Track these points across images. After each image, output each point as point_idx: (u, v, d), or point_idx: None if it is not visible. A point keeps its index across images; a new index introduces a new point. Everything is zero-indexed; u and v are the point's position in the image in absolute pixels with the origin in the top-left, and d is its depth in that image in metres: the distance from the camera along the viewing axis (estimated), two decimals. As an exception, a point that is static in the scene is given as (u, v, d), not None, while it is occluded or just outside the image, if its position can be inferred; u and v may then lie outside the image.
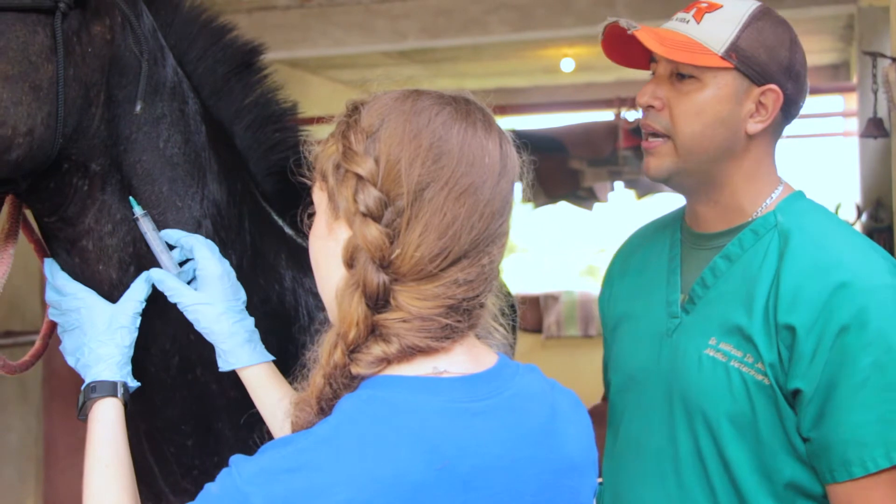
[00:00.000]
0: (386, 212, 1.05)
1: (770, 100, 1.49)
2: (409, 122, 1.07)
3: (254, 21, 6.32)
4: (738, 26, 1.47)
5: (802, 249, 1.45)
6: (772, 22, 1.50)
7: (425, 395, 1.04)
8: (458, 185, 1.05)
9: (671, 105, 1.50)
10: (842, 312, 1.37)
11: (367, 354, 1.05)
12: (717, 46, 1.47)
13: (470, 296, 1.08)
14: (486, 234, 1.08)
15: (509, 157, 1.12)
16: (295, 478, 0.96)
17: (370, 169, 1.05)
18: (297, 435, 1.03)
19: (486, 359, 1.12)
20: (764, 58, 1.48)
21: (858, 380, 1.35)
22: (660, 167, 1.53)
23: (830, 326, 1.37)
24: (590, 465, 1.17)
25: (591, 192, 6.74)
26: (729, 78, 1.48)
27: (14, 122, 1.25)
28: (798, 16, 5.96)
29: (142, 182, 1.45)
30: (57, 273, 1.43)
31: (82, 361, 1.37)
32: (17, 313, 5.08)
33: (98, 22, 1.37)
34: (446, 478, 1.00)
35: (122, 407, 1.34)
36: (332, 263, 1.10)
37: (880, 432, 1.35)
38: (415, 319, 1.05)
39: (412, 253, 1.04)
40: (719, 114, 1.48)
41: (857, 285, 1.38)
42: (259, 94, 1.71)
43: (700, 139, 1.49)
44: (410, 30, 6.29)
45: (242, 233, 1.58)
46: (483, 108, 1.13)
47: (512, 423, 1.08)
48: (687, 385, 1.51)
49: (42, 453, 5.43)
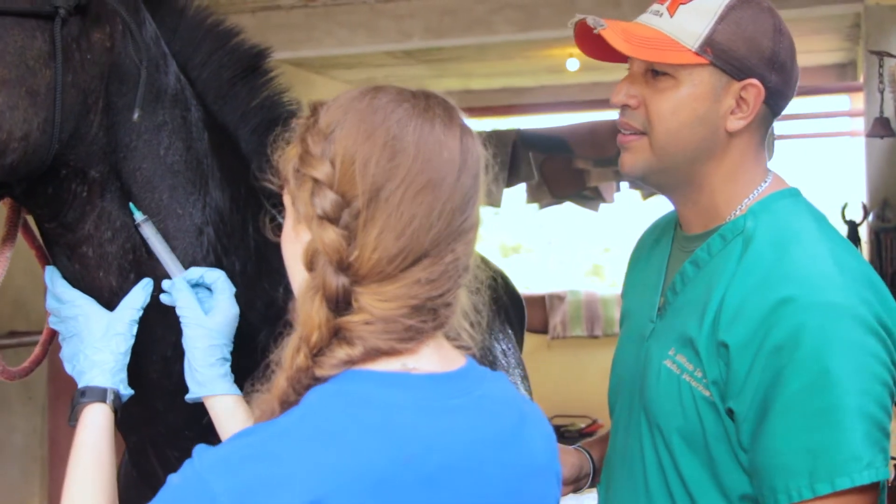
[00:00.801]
0: (343, 213, 1.04)
1: (751, 95, 1.41)
2: (364, 121, 1.06)
3: (258, 21, 6.32)
4: (714, 18, 1.39)
5: (757, 259, 1.37)
6: (752, 10, 1.41)
7: (394, 390, 1.03)
8: (415, 183, 1.04)
9: (647, 102, 1.44)
10: (778, 330, 1.28)
11: (330, 357, 1.05)
12: (691, 41, 1.39)
13: (434, 294, 1.06)
14: (449, 232, 1.06)
15: (470, 151, 1.10)
16: (256, 467, 0.95)
17: (326, 172, 1.05)
18: (261, 425, 1.02)
19: (454, 360, 1.12)
20: (743, 51, 1.39)
21: (787, 404, 1.27)
22: (634, 164, 1.47)
23: (766, 345, 1.29)
24: (554, 475, 1.17)
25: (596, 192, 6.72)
26: (705, 74, 1.40)
27: (9, 127, 1.25)
28: (804, 15, 5.94)
29: (142, 189, 1.44)
30: (57, 280, 1.43)
31: (77, 368, 1.36)
32: (21, 313, 5.08)
33: (98, 29, 1.36)
34: (411, 473, 0.99)
35: (111, 413, 1.33)
36: (298, 266, 1.09)
37: (806, 462, 1.26)
38: (378, 321, 1.04)
39: (370, 255, 1.03)
40: (696, 112, 1.41)
41: (798, 302, 1.28)
42: (265, 97, 1.70)
43: (676, 138, 1.43)
44: (415, 29, 6.28)
45: (246, 238, 1.57)
46: (445, 102, 1.12)
47: (480, 423, 1.07)
48: (647, 395, 1.47)
49: (47, 453, 5.43)
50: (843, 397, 1.25)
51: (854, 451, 1.25)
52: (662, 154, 1.44)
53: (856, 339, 1.27)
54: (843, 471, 1.25)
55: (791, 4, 5.64)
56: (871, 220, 5.56)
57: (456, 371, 1.10)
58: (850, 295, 1.30)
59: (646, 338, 1.53)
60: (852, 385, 1.26)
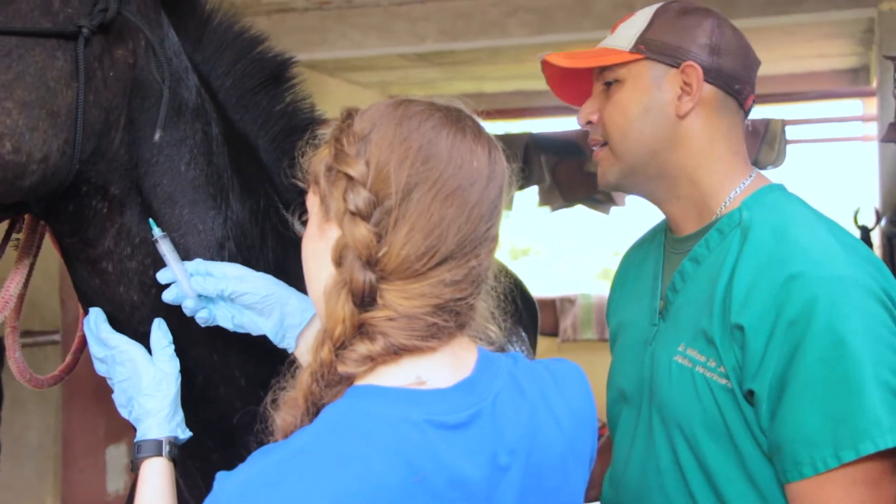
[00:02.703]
0: (375, 212, 1.07)
1: (692, 77, 1.46)
2: (400, 126, 1.09)
3: (272, 23, 6.35)
4: (645, 22, 1.50)
5: (759, 245, 1.40)
6: (680, 9, 1.51)
7: (405, 407, 1.05)
8: (446, 187, 1.07)
9: (603, 113, 1.52)
10: (790, 306, 1.31)
11: (352, 352, 1.07)
12: (626, 44, 1.49)
13: (458, 297, 1.09)
14: (474, 237, 1.09)
15: (498, 163, 1.14)
16: (273, 492, 0.97)
17: (360, 170, 1.07)
18: (277, 446, 1.04)
19: (468, 361, 1.13)
20: (675, 41, 1.48)
21: (805, 377, 1.29)
22: (605, 174, 1.54)
23: (780, 322, 1.31)
24: (574, 459, 1.17)
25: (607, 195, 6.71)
26: (642, 67, 1.48)
27: (29, 149, 1.22)
28: (817, 20, 5.93)
29: (162, 205, 1.42)
30: (102, 325, 1.42)
31: (133, 415, 1.38)
32: (36, 313, 5.12)
33: (121, 46, 1.34)
34: (422, 490, 1.01)
35: (168, 465, 1.34)
36: (321, 263, 1.12)
37: (829, 431, 1.28)
38: (401, 318, 1.06)
39: (398, 251, 1.06)
40: (641, 104, 1.48)
41: (808, 276, 1.31)
42: (286, 105, 1.69)
43: (630, 134, 1.49)
44: (429, 32, 6.30)
45: (265, 250, 1.56)
46: (473, 116, 1.16)
47: (491, 431, 1.08)
48: (661, 395, 1.48)
49: (60, 451, 5.47)
50: (859, 365, 1.27)
51: (875, 417, 1.26)
52: (624, 154, 1.50)
53: (866, 308, 1.30)
54: (867, 436, 1.26)
55: (804, 9, 5.64)
56: (884, 225, 5.55)
57: (467, 379, 1.11)
58: (856, 268, 1.33)
59: (649, 342, 1.55)
60: (867, 353, 1.27)
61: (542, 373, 1.19)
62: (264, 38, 1.66)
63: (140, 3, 1.37)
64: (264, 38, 1.66)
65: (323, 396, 1.09)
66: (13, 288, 1.42)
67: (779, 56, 8.22)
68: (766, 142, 5.12)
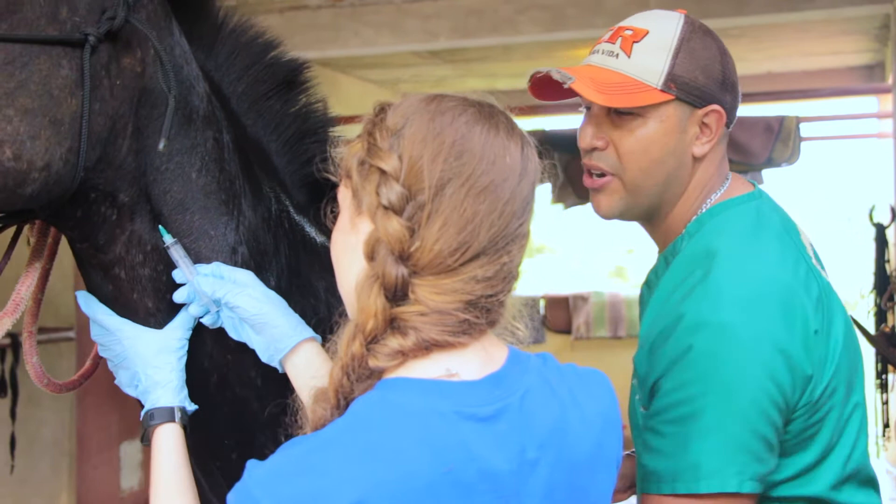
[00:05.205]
0: (408, 206, 1.07)
1: (713, 120, 1.46)
2: (434, 121, 1.09)
3: (285, 21, 6.36)
4: (671, 53, 1.44)
5: (671, 276, 1.43)
6: (700, 37, 1.46)
7: (434, 398, 1.05)
8: (479, 182, 1.07)
9: (616, 143, 1.47)
10: (670, 347, 1.35)
11: (384, 346, 1.07)
12: (654, 79, 1.43)
13: (489, 293, 1.09)
14: (506, 233, 1.09)
15: (530, 160, 1.13)
16: (302, 480, 0.98)
17: (394, 165, 1.07)
18: (307, 437, 1.05)
19: (497, 358, 1.13)
20: (701, 80, 1.45)
21: (658, 407, 1.36)
22: (611, 206, 1.51)
23: (659, 364, 1.36)
24: (602, 461, 1.17)
25: (621, 192, 6.71)
26: (671, 109, 1.45)
27: (30, 157, 1.21)
28: (832, 16, 5.90)
29: (173, 211, 1.41)
30: (95, 307, 1.43)
31: (141, 388, 1.39)
32: (50, 309, 5.14)
33: (129, 54, 1.32)
34: (451, 482, 1.01)
35: (181, 431, 1.37)
36: (352, 257, 1.12)
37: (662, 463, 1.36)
38: (432, 313, 1.06)
39: (431, 246, 1.06)
40: (666, 146, 1.45)
41: (688, 321, 1.33)
42: (300, 107, 1.68)
43: (648, 174, 1.47)
44: (441, 30, 6.30)
45: (279, 255, 1.56)
46: (506, 113, 1.15)
47: (520, 425, 1.08)
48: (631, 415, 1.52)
49: (75, 447, 5.49)
50: (704, 410, 1.31)
51: (695, 461, 1.31)
52: (636, 191, 1.48)
53: (739, 358, 1.31)
54: (682, 478, 1.32)
55: (819, 5, 5.61)
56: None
57: (497, 373, 1.11)
58: (749, 315, 1.33)
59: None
60: (718, 400, 1.31)
61: (570, 374, 1.19)
62: (278, 42, 1.65)
63: (150, 11, 1.36)
64: (278, 42, 1.65)
65: (353, 390, 1.09)
66: (24, 290, 1.42)
67: (793, 53, 8.18)
68: (781, 139, 5.10)
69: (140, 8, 1.33)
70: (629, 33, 1.47)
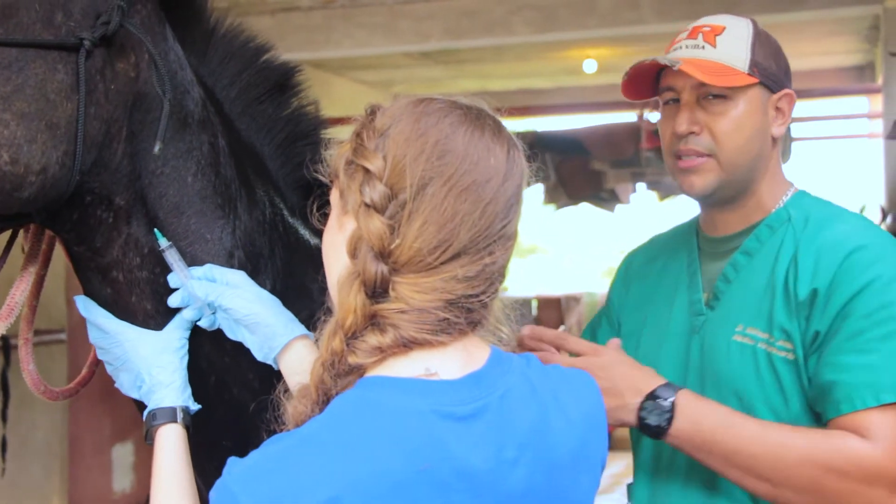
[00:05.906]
0: (390, 205, 1.08)
1: (786, 103, 1.66)
2: (419, 122, 1.11)
3: (277, 22, 6.36)
4: (749, 43, 1.63)
5: (816, 232, 1.58)
6: (764, 33, 1.67)
7: (413, 397, 1.06)
8: (461, 182, 1.08)
9: (710, 126, 1.62)
10: (856, 272, 1.49)
11: (363, 343, 1.08)
12: (741, 65, 1.61)
13: (470, 293, 1.09)
14: (488, 233, 1.10)
15: (517, 162, 1.14)
16: (278, 478, 0.99)
17: (378, 165, 1.09)
18: (287, 434, 1.06)
19: (479, 357, 1.14)
20: (775, 67, 1.65)
21: (853, 330, 1.47)
22: (706, 184, 1.63)
23: (844, 288, 1.49)
24: (586, 461, 1.17)
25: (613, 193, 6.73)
26: (754, 92, 1.62)
27: (27, 161, 1.22)
28: (822, 16, 5.93)
29: (168, 214, 1.42)
30: (94, 310, 1.44)
31: (144, 389, 1.40)
32: (43, 311, 5.10)
33: (123, 59, 1.33)
34: (427, 480, 1.02)
35: (183, 431, 1.38)
36: (338, 256, 1.13)
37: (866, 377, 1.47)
38: (413, 311, 1.07)
39: (411, 244, 1.07)
40: (755, 125, 1.63)
41: (871, 249, 1.51)
42: (292, 111, 1.69)
43: (742, 151, 1.62)
44: (434, 31, 6.31)
45: (274, 258, 1.57)
46: (495, 117, 1.17)
47: (498, 425, 1.09)
48: (718, 372, 1.59)
49: (67, 451, 5.48)
50: None
51: None
52: (732, 169, 1.62)
53: None
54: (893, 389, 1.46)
55: (809, 6, 5.63)
56: (890, 223, 5.54)
57: (477, 372, 1.11)
58: None
59: (696, 330, 1.66)
60: None
61: (555, 375, 1.20)
62: (269, 46, 1.65)
63: (144, 17, 1.37)
64: (269, 46, 1.65)
65: (333, 386, 1.10)
66: (18, 295, 1.43)
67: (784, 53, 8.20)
68: (772, 139, 5.12)
69: (134, 13, 1.34)
70: (707, 29, 1.65)
